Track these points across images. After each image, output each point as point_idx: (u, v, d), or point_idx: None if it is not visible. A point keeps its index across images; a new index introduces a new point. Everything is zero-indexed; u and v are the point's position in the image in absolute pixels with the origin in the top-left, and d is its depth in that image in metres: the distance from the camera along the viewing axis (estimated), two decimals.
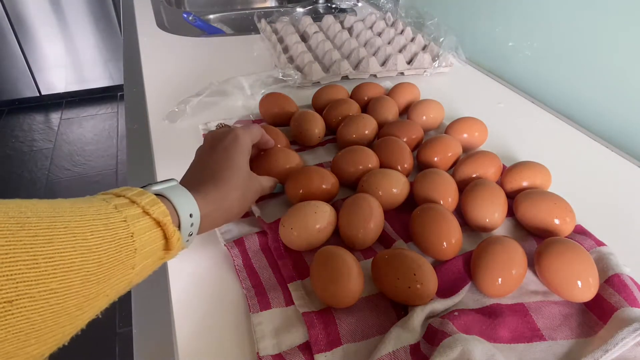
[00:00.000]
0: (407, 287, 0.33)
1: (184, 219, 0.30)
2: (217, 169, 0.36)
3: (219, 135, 0.40)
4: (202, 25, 1.01)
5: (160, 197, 0.29)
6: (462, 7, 0.89)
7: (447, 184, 0.43)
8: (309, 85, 0.71)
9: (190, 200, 0.31)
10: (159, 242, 0.28)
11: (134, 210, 0.27)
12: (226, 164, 0.37)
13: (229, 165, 0.37)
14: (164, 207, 0.28)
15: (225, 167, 0.36)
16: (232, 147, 0.38)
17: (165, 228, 0.28)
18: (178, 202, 0.30)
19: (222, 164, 0.37)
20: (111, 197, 0.27)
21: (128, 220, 0.26)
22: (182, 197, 0.31)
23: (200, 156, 0.39)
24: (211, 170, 0.36)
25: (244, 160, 0.38)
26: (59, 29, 2.14)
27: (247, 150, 0.39)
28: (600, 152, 0.57)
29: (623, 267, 0.36)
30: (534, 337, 0.33)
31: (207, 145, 0.40)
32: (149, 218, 0.27)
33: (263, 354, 0.31)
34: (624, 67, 0.59)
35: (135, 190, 0.28)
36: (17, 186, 1.78)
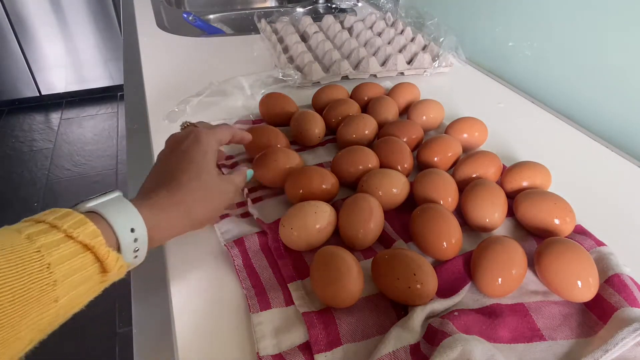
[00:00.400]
0: (407, 287, 0.33)
1: (122, 236, 0.27)
2: (173, 172, 0.34)
3: (180, 137, 0.37)
4: (202, 25, 1.01)
5: (94, 215, 0.27)
6: (462, 7, 0.89)
7: (447, 184, 0.43)
8: (309, 85, 0.71)
9: (130, 214, 0.28)
10: (90, 267, 0.25)
11: (53, 236, 0.24)
12: (184, 165, 0.34)
13: (187, 167, 0.34)
14: (92, 227, 0.25)
15: (183, 169, 0.34)
16: (192, 148, 0.35)
17: (95, 251, 0.25)
18: (113, 218, 0.27)
19: (180, 166, 0.34)
20: (29, 224, 0.25)
21: (43, 249, 0.23)
22: (119, 211, 0.28)
23: (159, 160, 0.36)
24: (168, 174, 0.34)
25: (205, 161, 0.35)
26: (59, 29, 2.14)
27: (212, 151, 0.36)
28: (600, 152, 0.57)
29: (623, 267, 0.36)
30: (534, 337, 0.33)
31: (167, 149, 0.37)
32: (72, 242, 0.24)
33: (263, 354, 0.31)
34: (624, 67, 0.59)
35: (60, 212, 0.26)
36: (17, 186, 1.78)
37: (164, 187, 0.32)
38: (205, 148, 0.36)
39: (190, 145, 0.36)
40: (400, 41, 0.81)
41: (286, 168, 0.46)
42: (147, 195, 0.31)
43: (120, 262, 0.27)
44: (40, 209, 1.63)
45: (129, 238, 0.28)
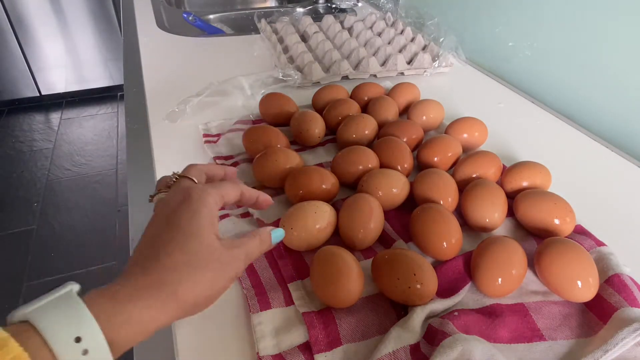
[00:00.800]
0: (407, 287, 0.33)
1: (62, 351, 0.20)
2: (154, 244, 0.26)
3: (167, 197, 0.30)
4: (202, 25, 1.01)
5: (27, 327, 0.21)
6: (462, 7, 0.89)
7: (447, 184, 0.43)
8: (309, 85, 0.71)
9: (75, 317, 0.21)
10: None
11: None
12: (166, 234, 0.26)
13: (170, 236, 0.26)
14: (16, 350, 0.19)
15: (164, 239, 0.26)
16: (178, 210, 0.28)
17: None
18: (49, 329, 0.20)
19: (162, 236, 0.27)
20: None
21: None
22: (60, 316, 0.21)
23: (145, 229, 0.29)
24: (147, 248, 0.26)
25: (195, 224, 0.27)
26: (59, 29, 2.14)
27: (206, 210, 0.28)
28: (600, 152, 0.57)
29: (623, 267, 0.36)
30: (534, 337, 0.33)
31: (153, 215, 0.30)
32: None
33: (263, 354, 0.31)
34: (624, 67, 0.59)
35: None
36: (17, 186, 1.78)
37: (136, 267, 0.25)
38: (195, 207, 0.28)
39: (176, 207, 0.28)
40: (400, 41, 0.81)
41: (286, 168, 0.46)
42: (114, 282, 0.24)
43: None
44: (40, 209, 1.64)
45: (73, 353, 0.21)
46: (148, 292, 0.24)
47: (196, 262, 0.26)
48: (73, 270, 1.40)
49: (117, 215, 1.65)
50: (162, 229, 0.27)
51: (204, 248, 0.27)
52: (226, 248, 0.28)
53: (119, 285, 0.24)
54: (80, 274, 1.39)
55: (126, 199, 0.55)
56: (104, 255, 1.47)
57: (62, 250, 1.48)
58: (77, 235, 1.55)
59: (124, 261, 1.44)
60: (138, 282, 0.24)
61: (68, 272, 1.39)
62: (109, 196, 1.74)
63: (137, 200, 0.46)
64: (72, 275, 1.38)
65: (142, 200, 0.46)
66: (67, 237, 1.55)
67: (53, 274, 1.38)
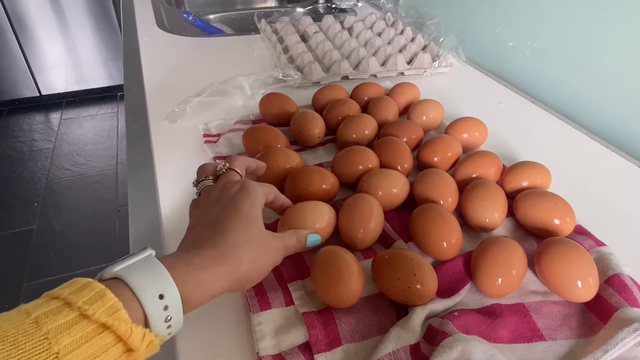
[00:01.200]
0: (407, 287, 0.33)
1: (149, 305, 0.23)
2: (219, 220, 0.30)
3: (223, 184, 0.34)
4: (202, 25, 1.01)
5: (118, 283, 0.24)
6: (462, 7, 0.89)
7: (447, 184, 0.43)
8: (309, 85, 0.71)
9: (159, 277, 0.24)
10: (111, 348, 0.22)
11: (64, 317, 0.20)
12: (231, 214, 0.30)
13: (234, 216, 0.30)
14: (112, 300, 0.22)
15: (229, 218, 0.30)
16: (239, 198, 0.32)
17: (114, 329, 0.21)
18: (138, 285, 0.24)
19: (226, 215, 0.31)
20: (43, 301, 0.22)
21: (50, 335, 0.20)
22: (146, 275, 0.24)
23: (199, 209, 0.33)
24: (211, 224, 0.30)
25: (254, 212, 0.31)
26: (59, 29, 2.14)
27: (259, 203, 0.33)
28: (600, 152, 0.57)
29: (623, 267, 0.36)
30: (534, 337, 0.33)
31: (208, 197, 0.34)
32: (87, 322, 0.21)
33: (263, 354, 0.31)
34: (624, 67, 0.59)
35: (79, 284, 0.22)
36: (17, 186, 1.78)
37: (207, 239, 0.29)
38: (253, 199, 0.32)
39: (237, 195, 0.32)
40: (400, 41, 0.81)
41: (286, 168, 0.46)
42: (187, 249, 0.28)
43: (149, 337, 0.23)
44: (40, 209, 1.64)
45: (157, 307, 0.24)
46: (217, 262, 0.28)
47: (254, 244, 0.30)
48: (73, 270, 1.40)
49: (117, 215, 1.65)
50: (225, 209, 0.31)
51: (259, 233, 0.31)
52: (272, 238, 0.32)
53: (192, 255, 0.27)
54: (80, 274, 1.38)
55: (126, 199, 0.55)
56: (104, 255, 1.47)
57: (62, 250, 1.48)
58: (77, 235, 1.56)
59: None
60: (208, 253, 0.28)
61: (68, 272, 1.39)
62: (109, 196, 1.74)
63: (137, 200, 0.46)
64: (72, 275, 1.37)
65: (142, 200, 0.46)
66: (67, 237, 1.55)
67: (53, 274, 1.38)
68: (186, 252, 0.28)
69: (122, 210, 1.67)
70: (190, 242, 0.30)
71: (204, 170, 0.38)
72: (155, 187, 0.48)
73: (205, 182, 0.37)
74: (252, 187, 0.33)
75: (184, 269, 0.26)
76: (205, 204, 0.33)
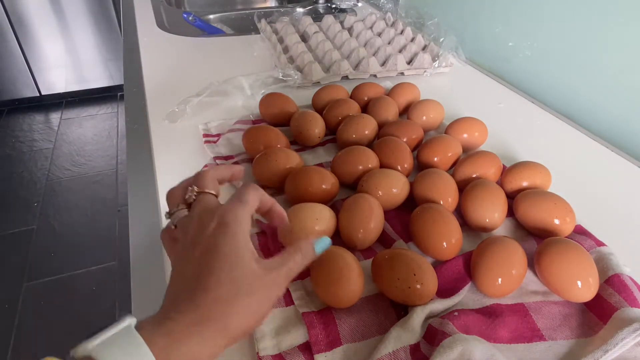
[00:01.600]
0: (407, 287, 0.33)
1: None
2: (197, 276, 0.26)
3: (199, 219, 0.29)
4: (202, 25, 1.01)
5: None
6: (462, 7, 0.89)
7: (447, 184, 0.43)
8: (309, 85, 0.71)
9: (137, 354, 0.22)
10: None
11: None
12: (210, 263, 0.26)
13: (214, 265, 0.26)
14: None
15: (209, 269, 0.26)
16: (217, 236, 0.27)
17: None
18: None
19: (205, 266, 0.26)
20: None
21: None
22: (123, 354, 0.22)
23: (176, 260, 0.29)
24: (189, 280, 0.26)
25: (237, 249, 0.27)
26: (59, 28, 2.14)
27: (242, 230, 0.28)
28: (600, 152, 0.57)
29: (623, 267, 0.36)
30: (534, 337, 0.33)
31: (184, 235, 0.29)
32: None
33: (263, 354, 0.31)
34: (624, 67, 0.59)
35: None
36: (17, 186, 1.78)
37: (186, 301, 0.25)
38: (233, 231, 0.27)
39: (215, 233, 0.27)
40: (400, 41, 0.81)
41: (286, 168, 0.46)
42: (166, 314, 0.24)
43: None
44: (40, 209, 1.64)
45: None
46: (201, 327, 0.24)
47: (243, 292, 0.26)
48: (73, 270, 1.40)
49: (117, 215, 1.65)
50: (203, 256, 0.27)
51: (248, 276, 0.26)
52: (267, 271, 0.27)
53: (173, 321, 0.24)
54: (80, 274, 1.39)
55: (126, 199, 0.55)
56: (104, 255, 1.47)
57: (62, 250, 1.48)
58: (77, 235, 1.55)
59: (124, 261, 1.44)
60: (191, 317, 0.24)
61: (68, 272, 1.39)
62: (109, 196, 1.74)
63: (137, 200, 0.46)
64: (72, 275, 1.37)
65: (142, 200, 0.46)
66: (67, 237, 1.54)
67: (53, 274, 1.38)
68: (165, 317, 0.24)
69: (122, 210, 1.67)
70: (170, 302, 0.26)
71: (173, 198, 0.32)
72: (155, 187, 0.48)
73: (178, 212, 0.31)
74: (231, 216, 0.28)
75: (165, 342, 0.23)
76: (184, 245, 0.29)
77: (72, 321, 1.24)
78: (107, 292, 1.33)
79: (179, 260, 0.28)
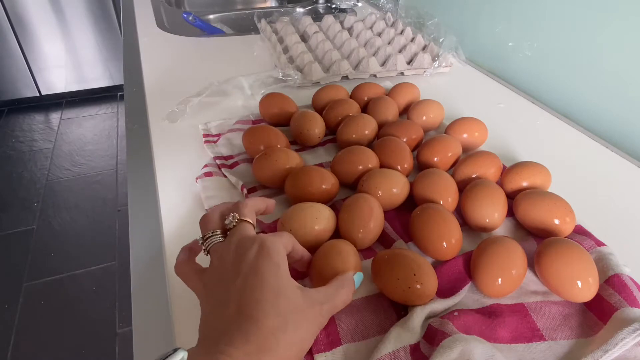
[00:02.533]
0: (407, 287, 0.33)
1: None
2: (244, 303, 0.25)
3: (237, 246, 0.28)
4: (202, 25, 1.01)
5: None
6: (462, 7, 0.89)
7: (447, 184, 0.43)
8: (309, 85, 0.71)
9: None
10: None
11: None
12: (257, 292, 0.25)
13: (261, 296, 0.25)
14: None
15: (257, 298, 0.25)
16: (261, 265, 0.26)
17: None
18: None
19: (252, 294, 0.25)
20: None
21: None
22: None
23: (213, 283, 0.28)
24: (236, 310, 0.25)
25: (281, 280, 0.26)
26: (58, 28, 2.14)
27: (284, 261, 0.28)
28: (600, 152, 0.57)
29: (623, 267, 0.36)
30: (534, 337, 0.33)
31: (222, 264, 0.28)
32: None
33: None
34: (624, 68, 0.59)
35: None
36: (17, 186, 1.78)
37: (236, 331, 0.24)
38: (277, 260, 0.27)
39: (257, 260, 0.26)
40: (400, 41, 0.81)
41: (286, 168, 0.46)
42: (216, 347, 0.23)
43: None
44: (40, 209, 1.64)
45: None
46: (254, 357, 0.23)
47: (290, 324, 0.25)
48: (73, 270, 1.40)
49: (117, 215, 1.65)
50: (247, 286, 0.26)
51: (293, 307, 0.26)
52: (311, 304, 0.27)
53: (225, 355, 0.23)
54: (80, 274, 1.39)
55: (126, 199, 0.55)
56: (104, 255, 1.47)
57: (62, 250, 1.48)
58: (77, 235, 1.56)
59: (124, 261, 1.44)
60: (243, 351, 0.23)
61: (68, 272, 1.39)
62: (109, 196, 1.74)
63: (137, 200, 0.46)
64: (72, 275, 1.37)
65: (142, 200, 0.46)
66: (67, 237, 1.55)
67: (53, 274, 1.38)
68: (216, 350, 0.23)
69: (122, 210, 1.67)
70: (217, 334, 0.25)
71: (208, 223, 0.32)
72: (155, 187, 0.48)
73: (213, 238, 0.31)
74: (271, 245, 0.28)
75: None
76: (221, 272, 0.28)
77: (72, 321, 1.24)
78: (107, 292, 1.33)
79: (215, 289, 0.27)
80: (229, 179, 0.48)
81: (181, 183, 0.48)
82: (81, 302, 1.30)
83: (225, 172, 0.49)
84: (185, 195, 0.47)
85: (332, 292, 0.29)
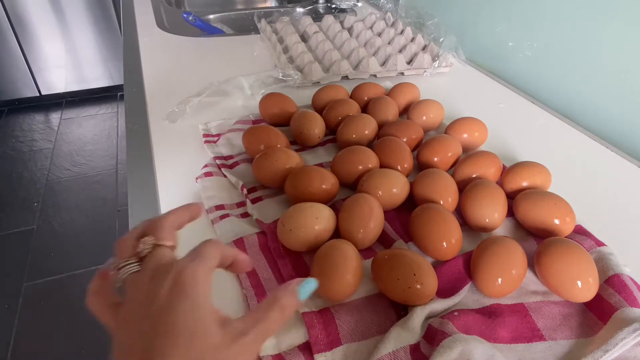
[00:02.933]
0: (407, 287, 0.33)
1: None
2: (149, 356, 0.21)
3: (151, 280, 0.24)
4: (202, 25, 1.01)
5: None
6: (462, 7, 0.89)
7: (447, 184, 0.43)
8: (309, 85, 0.71)
9: None
10: None
11: None
12: (166, 339, 0.21)
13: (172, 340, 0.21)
14: None
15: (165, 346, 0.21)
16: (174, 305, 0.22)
17: None
18: None
19: (160, 343, 0.21)
20: None
21: None
22: None
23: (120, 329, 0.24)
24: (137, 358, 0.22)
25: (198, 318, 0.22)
26: (58, 28, 2.14)
27: (204, 294, 0.23)
28: (600, 152, 0.57)
29: (623, 267, 0.36)
30: (534, 337, 0.33)
31: (133, 299, 0.24)
32: None
33: (263, 354, 0.31)
34: (624, 68, 0.59)
35: None
36: (17, 186, 1.78)
37: None
38: (192, 296, 0.23)
39: (170, 300, 0.22)
40: (400, 41, 0.81)
41: (286, 168, 0.46)
42: None
43: None
44: (40, 209, 1.64)
45: None
46: None
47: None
48: (73, 270, 1.40)
49: (117, 215, 1.65)
50: (154, 328, 0.22)
51: (212, 347, 0.22)
52: (234, 338, 0.23)
53: None
54: (80, 274, 1.39)
55: (126, 199, 0.55)
56: (104, 255, 1.47)
57: (62, 250, 1.48)
58: (77, 235, 1.55)
59: None
60: None
61: (68, 272, 1.39)
62: (109, 196, 1.74)
63: (137, 200, 0.46)
64: (72, 275, 1.37)
65: (142, 200, 0.46)
66: (67, 237, 1.54)
67: (53, 274, 1.38)
68: None
69: (122, 210, 1.67)
70: None
71: (123, 249, 0.27)
72: (155, 187, 0.48)
73: (128, 267, 0.26)
74: (187, 277, 0.23)
75: None
76: (131, 309, 0.24)
77: (72, 321, 1.24)
78: None
79: (122, 332, 0.23)
80: (229, 179, 0.48)
81: (181, 183, 0.48)
82: (81, 302, 1.30)
83: (225, 172, 0.49)
84: (185, 195, 0.47)
85: (259, 317, 0.24)
